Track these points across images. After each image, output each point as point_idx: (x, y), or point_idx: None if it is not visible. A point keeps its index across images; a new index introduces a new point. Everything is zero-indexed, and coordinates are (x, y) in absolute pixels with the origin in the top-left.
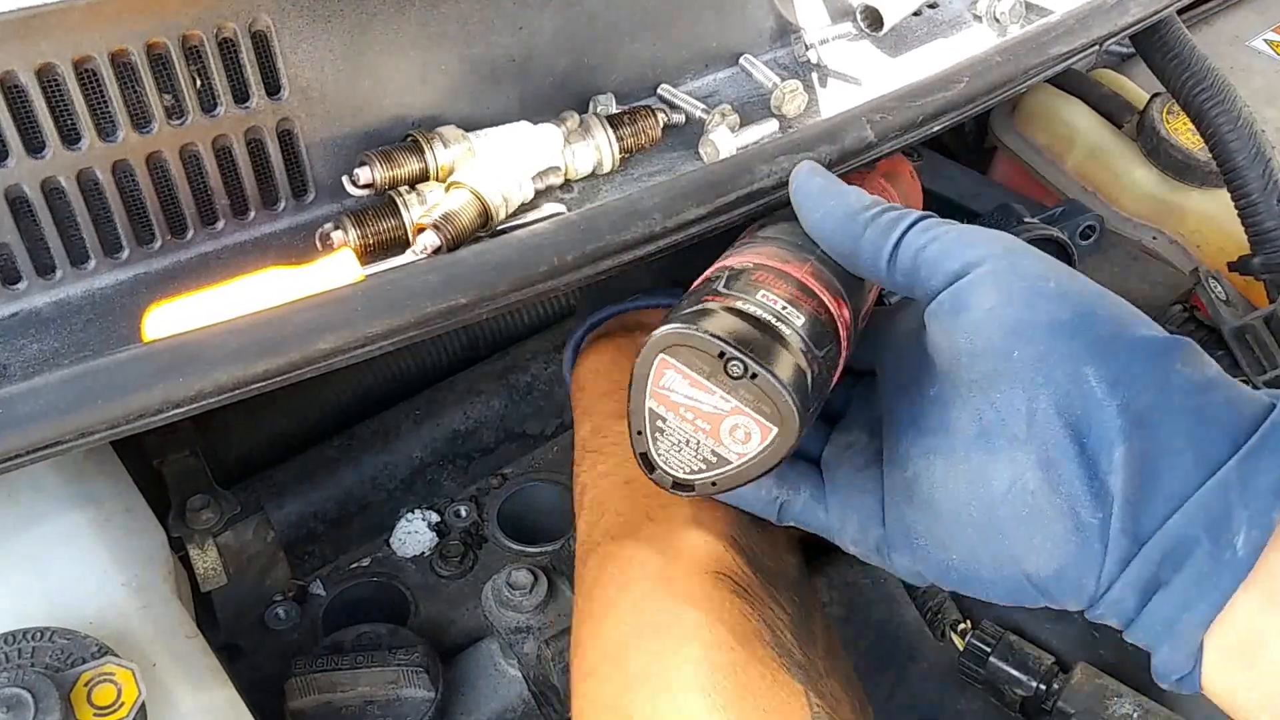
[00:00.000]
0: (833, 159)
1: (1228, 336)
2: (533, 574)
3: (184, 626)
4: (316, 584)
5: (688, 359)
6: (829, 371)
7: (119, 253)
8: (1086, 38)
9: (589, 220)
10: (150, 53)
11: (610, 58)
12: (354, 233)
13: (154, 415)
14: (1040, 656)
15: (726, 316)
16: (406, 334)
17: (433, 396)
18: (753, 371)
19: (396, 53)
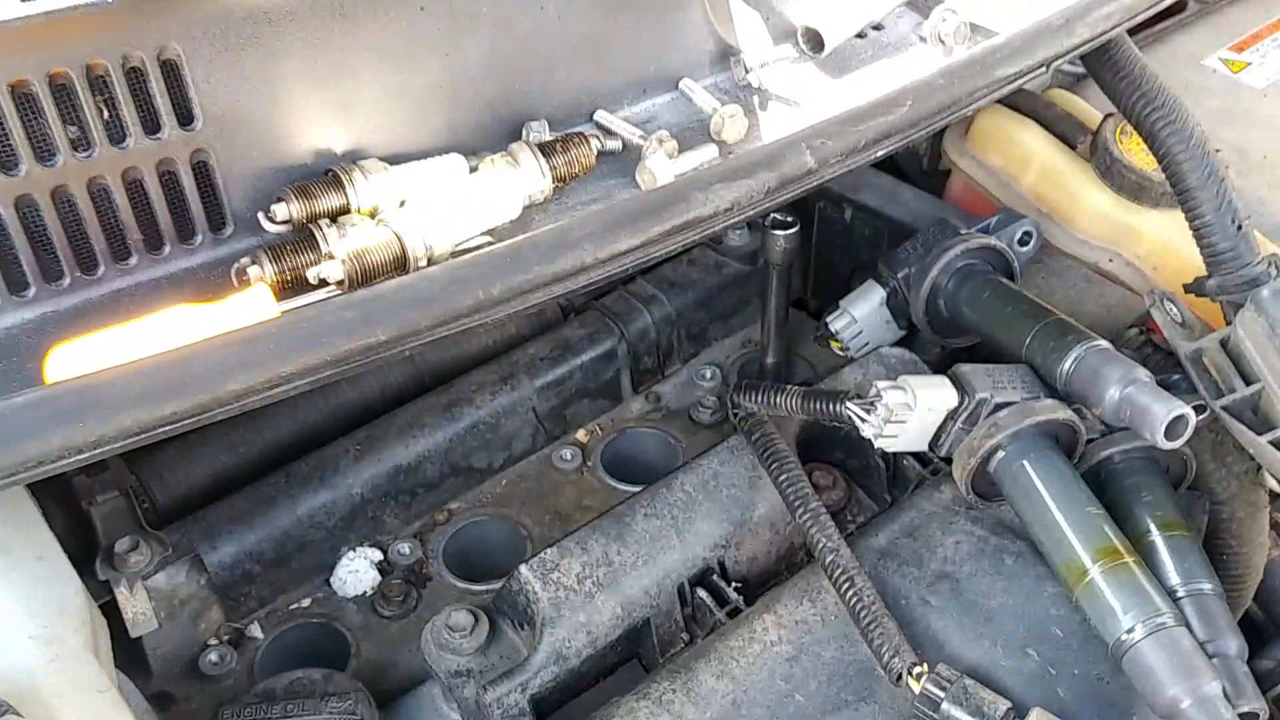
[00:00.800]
0: (772, 185)
1: (1183, 360)
2: (473, 615)
3: (96, 681)
4: (254, 626)
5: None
6: None
7: (24, 290)
8: (1033, 59)
9: (515, 252)
10: (53, 83)
11: (544, 84)
12: (270, 268)
13: (53, 462)
14: (996, 702)
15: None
16: (324, 372)
17: (372, 431)
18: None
19: (316, 81)
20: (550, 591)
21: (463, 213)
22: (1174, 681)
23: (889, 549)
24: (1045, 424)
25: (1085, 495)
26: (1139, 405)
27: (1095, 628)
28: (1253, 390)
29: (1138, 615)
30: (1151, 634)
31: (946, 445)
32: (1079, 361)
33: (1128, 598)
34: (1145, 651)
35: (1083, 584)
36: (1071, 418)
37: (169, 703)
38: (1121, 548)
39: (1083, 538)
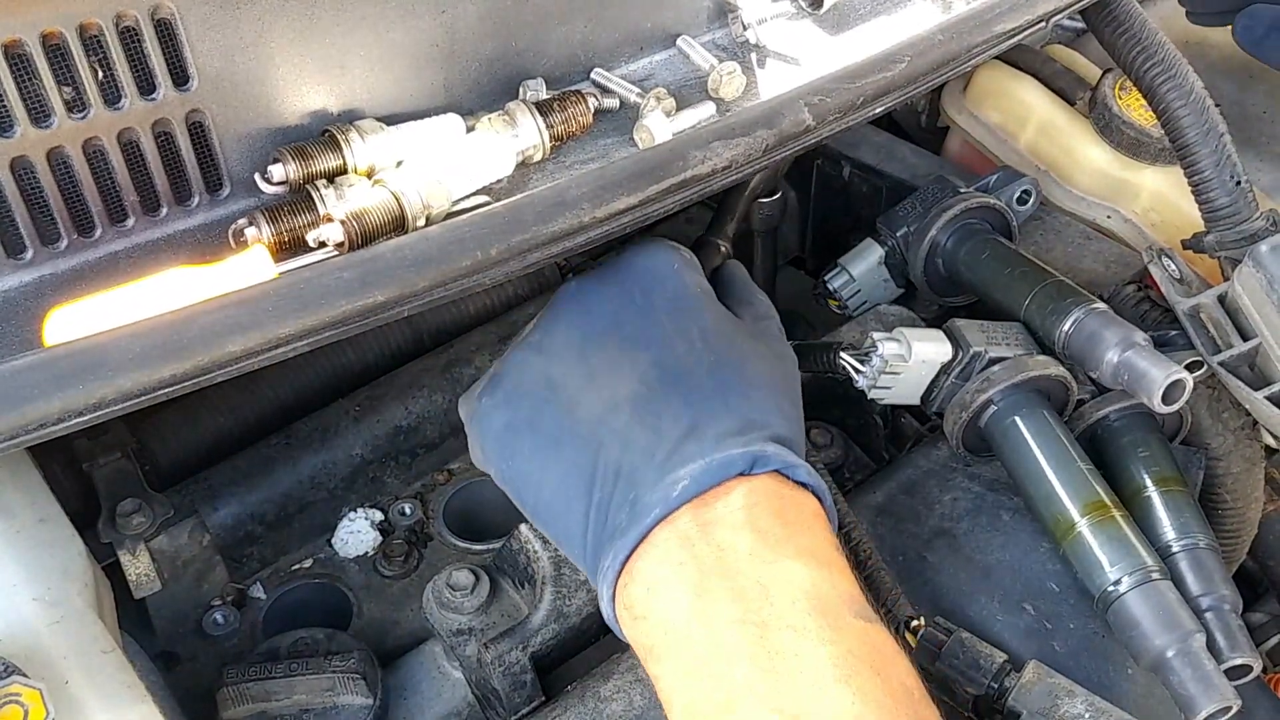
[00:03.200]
0: (770, 143)
1: (1180, 316)
2: (474, 574)
3: (100, 641)
4: (256, 587)
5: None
6: None
7: (22, 253)
8: (1032, 14)
9: (514, 211)
10: (46, 43)
11: (540, 41)
12: (268, 229)
13: (54, 424)
14: (992, 654)
15: None
16: (322, 334)
17: (373, 392)
18: None
19: (312, 40)
20: (550, 550)
21: (460, 172)
22: (1159, 633)
23: (886, 506)
24: (1038, 380)
25: (1075, 451)
26: (1137, 369)
27: (1082, 580)
28: (1250, 345)
29: (1124, 568)
30: (1137, 586)
31: (939, 399)
32: (1077, 324)
33: (1114, 551)
34: (1130, 604)
35: (1070, 537)
36: (1064, 374)
37: (174, 662)
38: (1109, 502)
39: (1071, 492)
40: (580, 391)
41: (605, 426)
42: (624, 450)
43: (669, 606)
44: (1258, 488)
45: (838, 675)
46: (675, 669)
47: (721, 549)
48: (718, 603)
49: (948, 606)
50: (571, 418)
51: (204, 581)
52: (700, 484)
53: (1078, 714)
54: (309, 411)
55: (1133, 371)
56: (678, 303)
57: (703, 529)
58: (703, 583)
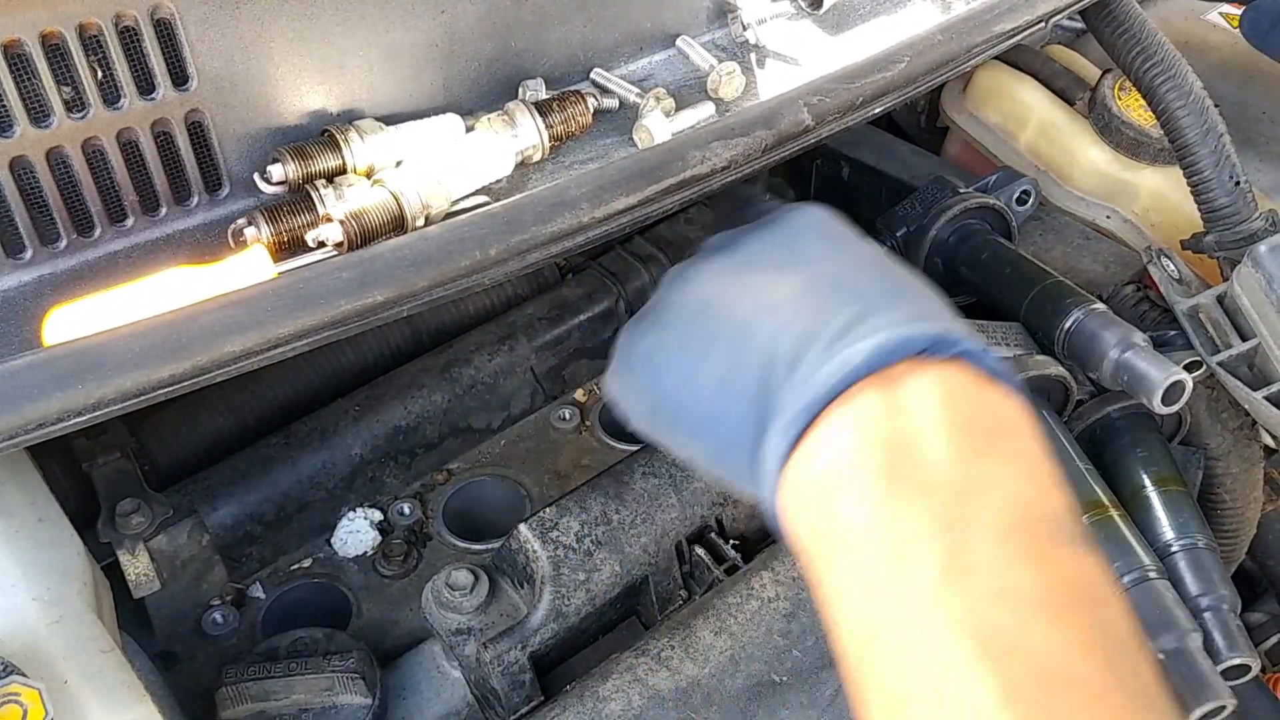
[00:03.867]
0: (769, 143)
1: (1180, 316)
2: (473, 574)
3: (99, 641)
4: (256, 587)
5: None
6: None
7: (21, 253)
8: (1032, 14)
9: (513, 212)
10: (46, 43)
11: (539, 41)
12: (267, 229)
13: (54, 424)
14: None
15: None
16: (321, 334)
17: (372, 392)
18: None
19: (311, 40)
20: (549, 550)
21: (459, 172)
22: (1155, 632)
23: None
24: (1037, 380)
25: (1074, 451)
26: (1136, 370)
27: None
28: (1249, 346)
29: (1121, 567)
30: (1134, 585)
31: None
32: (1077, 324)
33: (1112, 550)
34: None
35: None
36: (1063, 374)
37: (173, 662)
38: (1108, 502)
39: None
40: (733, 303)
41: (764, 322)
42: (787, 337)
43: (848, 501)
44: (1256, 488)
45: (1045, 606)
46: (849, 578)
47: (912, 439)
48: (907, 502)
49: None
50: (726, 323)
51: (203, 581)
52: (882, 358)
53: None
54: (308, 411)
55: (1132, 372)
56: (827, 235)
57: (889, 412)
58: (890, 475)
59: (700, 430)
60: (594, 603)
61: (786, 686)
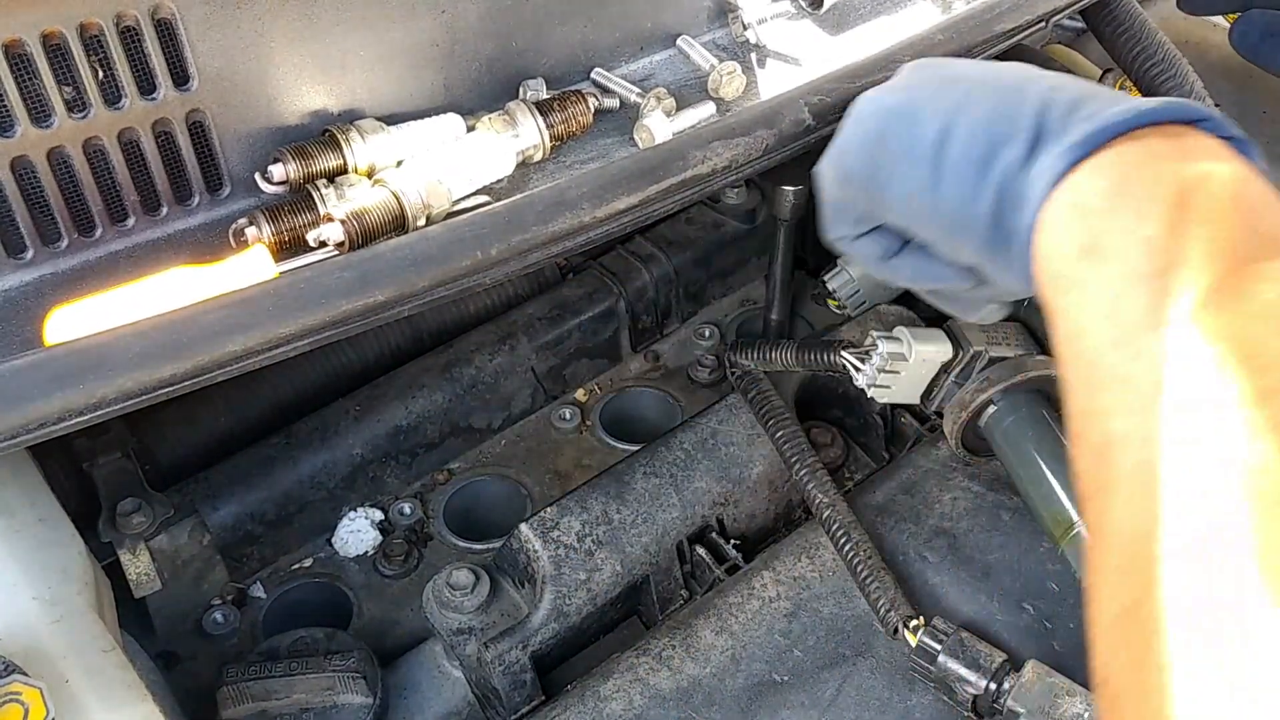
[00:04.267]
0: (770, 143)
1: None
2: (474, 573)
3: (100, 640)
4: (256, 586)
5: None
6: None
7: (22, 253)
8: (1032, 14)
9: (514, 211)
10: (47, 43)
11: (540, 41)
12: (268, 229)
13: (54, 424)
14: (992, 654)
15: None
16: (322, 334)
17: (372, 392)
18: None
19: (312, 39)
20: (550, 550)
21: (460, 172)
22: None
23: (886, 506)
24: (1037, 380)
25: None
26: None
27: (1079, 579)
28: None
29: None
30: None
31: (939, 399)
32: None
33: None
34: None
35: (1069, 537)
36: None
37: (174, 662)
38: None
39: (1071, 491)
40: (986, 76)
41: (1037, 81)
42: (1068, 90)
43: (1128, 216)
44: None
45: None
46: (1110, 287)
47: (1202, 177)
48: (1193, 226)
49: (948, 606)
50: (989, 81)
51: (204, 581)
52: (1168, 113)
53: (1077, 713)
54: (309, 411)
55: None
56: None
57: (1182, 153)
58: (1179, 202)
59: (945, 175)
60: (595, 602)
61: (787, 686)
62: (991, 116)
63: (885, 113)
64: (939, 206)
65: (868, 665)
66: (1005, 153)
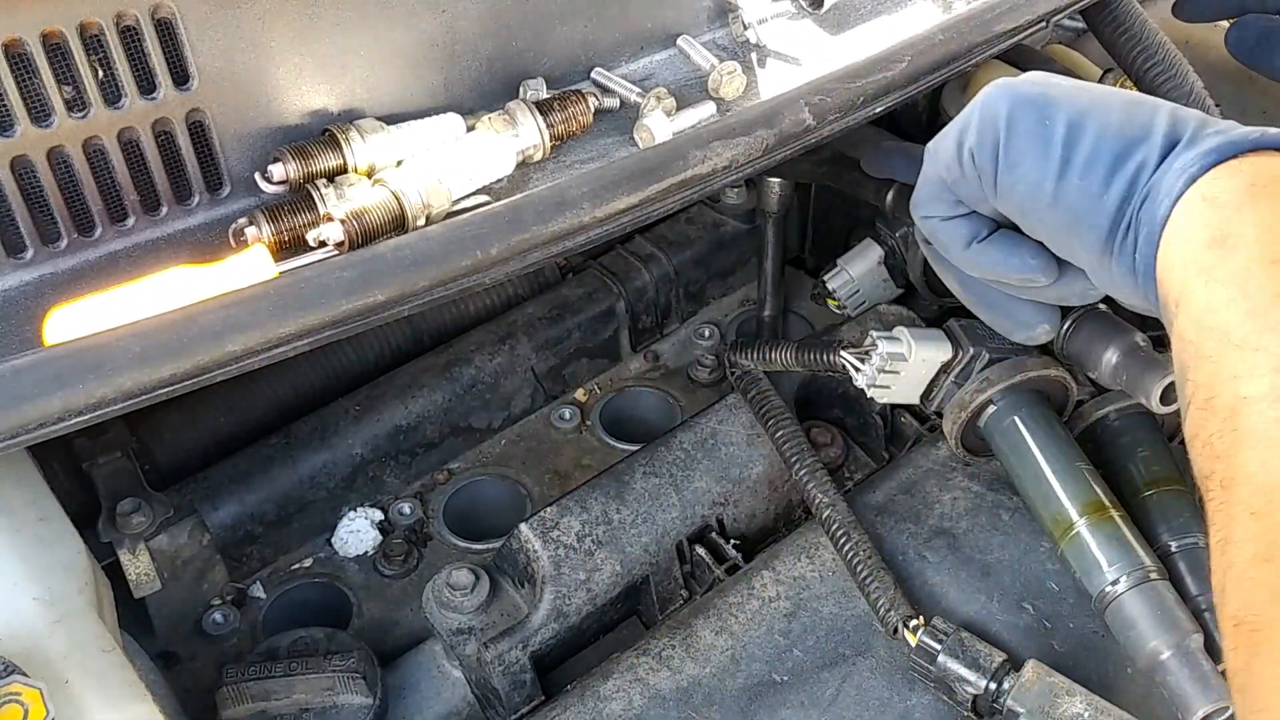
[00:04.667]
0: (770, 143)
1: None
2: (474, 574)
3: (101, 641)
4: (256, 586)
5: None
6: None
7: (22, 253)
8: (1033, 13)
9: (514, 211)
10: (47, 42)
11: (540, 41)
12: (268, 228)
13: (54, 424)
14: (991, 654)
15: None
16: (322, 333)
17: (372, 392)
18: None
19: (312, 39)
20: (550, 550)
21: (460, 172)
22: (1156, 633)
23: (887, 505)
24: (1037, 380)
25: (1074, 451)
26: (1135, 371)
27: (1079, 580)
28: None
29: (1122, 568)
30: (1135, 586)
31: (938, 399)
32: (1076, 323)
33: (1112, 550)
34: (1128, 604)
35: (1068, 537)
36: (1063, 375)
37: (173, 662)
38: (1108, 502)
39: (1070, 492)
40: (1110, 91)
41: (1153, 100)
42: (1193, 108)
43: (1255, 221)
44: None
45: None
46: (1255, 270)
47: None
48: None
49: (948, 606)
50: (1110, 91)
51: (204, 581)
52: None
53: (1077, 713)
54: (308, 411)
55: (1131, 372)
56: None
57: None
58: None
59: (1075, 167)
60: (595, 602)
61: (787, 686)
62: (1125, 121)
63: (1018, 100)
64: (1062, 196)
65: (868, 665)
66: (1139, 152)
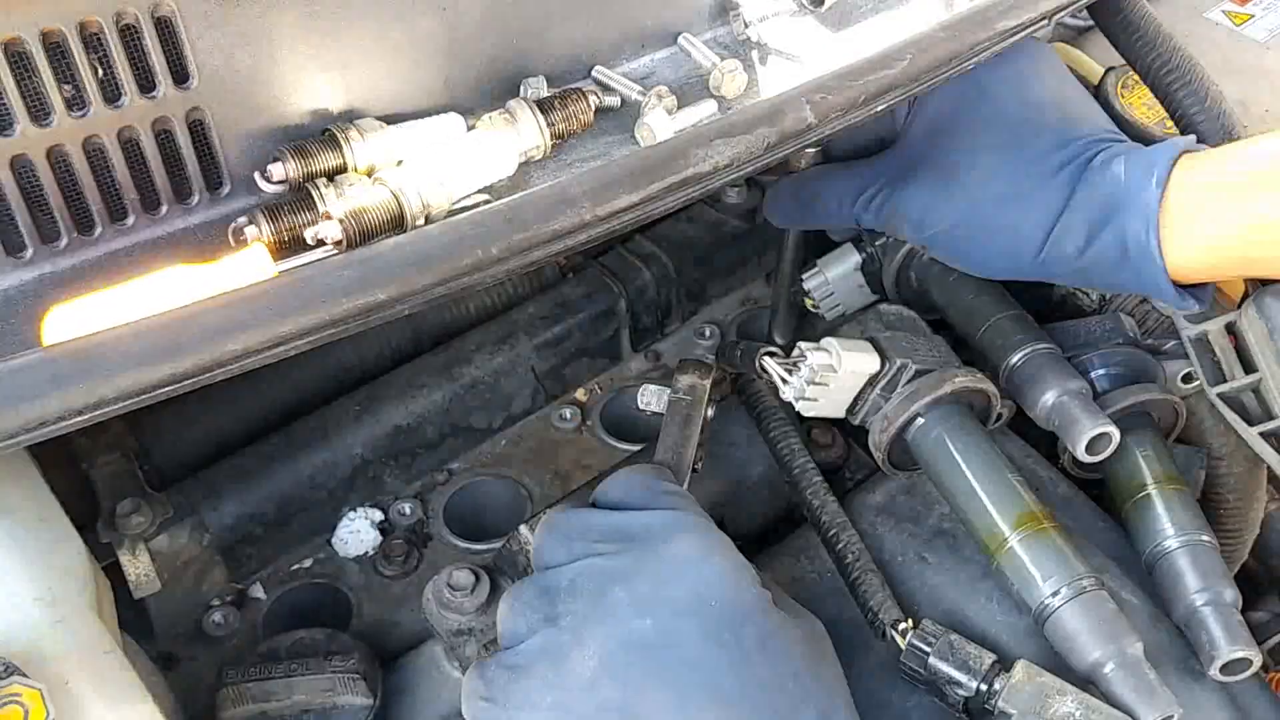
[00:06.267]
0: (771, 141)
1: (1186, 343)
2: (474, 574)
3: (101, 641)
4: (256, 587)
5: None
6: None
7: (21, 252)
8: (1035, 11)
9: (515, 210)
10: (46, 41)
11: (541, 38)
12: (268, 228)
13: (53, 424)
14: (981, 655)
15: None
16: (323, 333)
17: (372, 392)
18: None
19: (312, 38)
20: None
21: (460, 171)
22: (1096, 645)
23: (886, 506)
24: (963, 392)
25: (1002, 462)
26: (1068, 415)
27: (1017, 595)
28: (1250, 380)
29: (1059, 580)
30: (1073, 598)
31: (863, 413)
32: (1024, 360)
33: (1048, 563)
34: (1066, 617)
35: (1003, 552)
36: (988, 386)
37: (173, 663)
38: (1040, 514)
39: (1001, 506)
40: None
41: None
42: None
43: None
44: (1260, 487)
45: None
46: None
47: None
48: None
49: (947, 607)
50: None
51: (204, 581)
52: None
53: (1068, 713)
54: (309, 411)
55: (1064, 417)
56: (763, 635)
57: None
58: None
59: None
60: None
61: None
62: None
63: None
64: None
65: (866, 666)
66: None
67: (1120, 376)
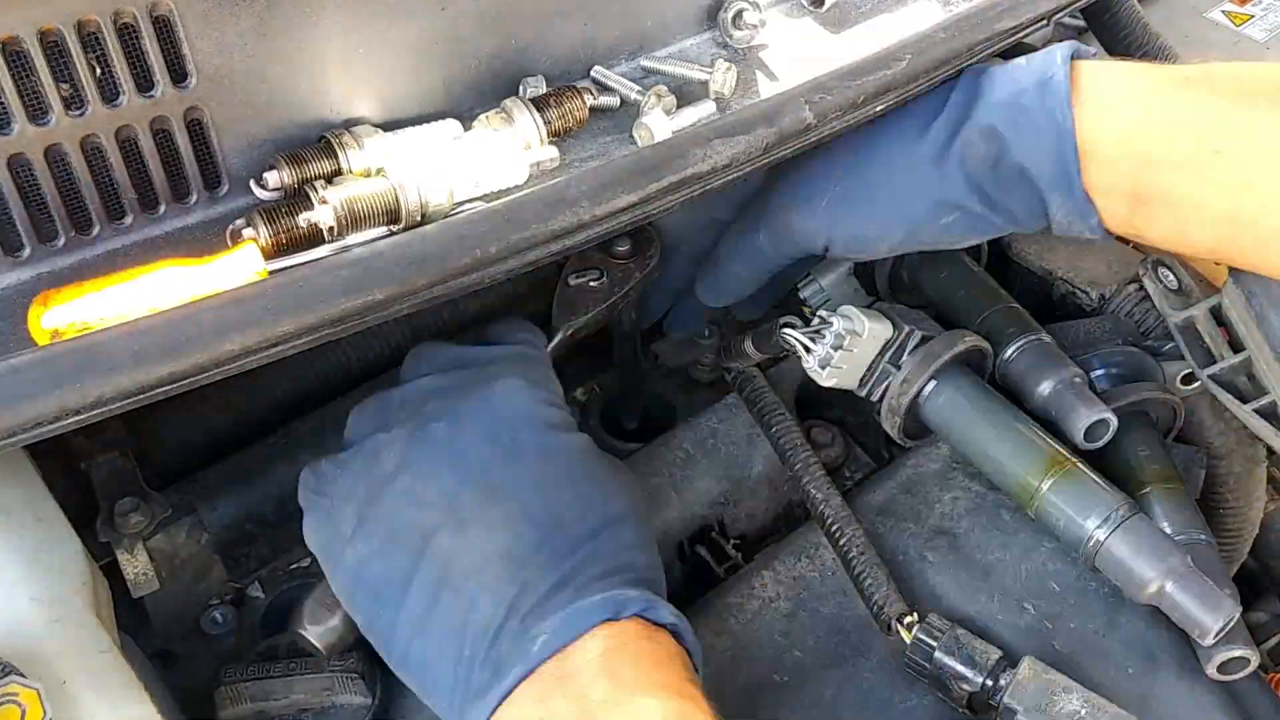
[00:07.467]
0: (770, 141)
1: (1173, 329)
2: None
3: (99, 641)
4: (254, 586)
5: None
6: None
7: (19, 251)
8: (1034, 11)
9: (513, 209)
10: (44, 40)
11: (540, 39)
12: (265, 229)
13: (51, 423)
14: (987, 651)
15: None
16: (320, 332)
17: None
18: None
19: (311, 37)
20: None
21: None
22: (1150, 566)
23: (887, 505)
24: (972, 352)
25: (1013, 414)
26: (1065, 404)
27: (1061, 534)
28: (1239, 359)
29: (1100, 514)
30: (1117, 526)
31: (871, 382)
32: (1019, 352)
33: (1085, 500)
34: (1114, 547)
35: (1039, 499)
36: (983, 344)
37: (172, 662)
38: (1063, 455)
39: (1026, 455)
40: (455, 547)
41: (478, 583)
42: (495, 607)
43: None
44: (1259, 487)
45: None
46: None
47: (578, 699)
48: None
49: (948, 606)
50: (446, 573)
51: (202, 581)
52: (561, 637)
53: (1074, 710)
54: (308, 410)
55: (1061, 405)
56: (543, 443)
57: (560, 682)
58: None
59: (416, 671)
60: None
61: (787, 686)
62: (437, 647)
63: (362, 595)
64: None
65: (868, 665)
66: (445, 693)
67: (1119, 376)
